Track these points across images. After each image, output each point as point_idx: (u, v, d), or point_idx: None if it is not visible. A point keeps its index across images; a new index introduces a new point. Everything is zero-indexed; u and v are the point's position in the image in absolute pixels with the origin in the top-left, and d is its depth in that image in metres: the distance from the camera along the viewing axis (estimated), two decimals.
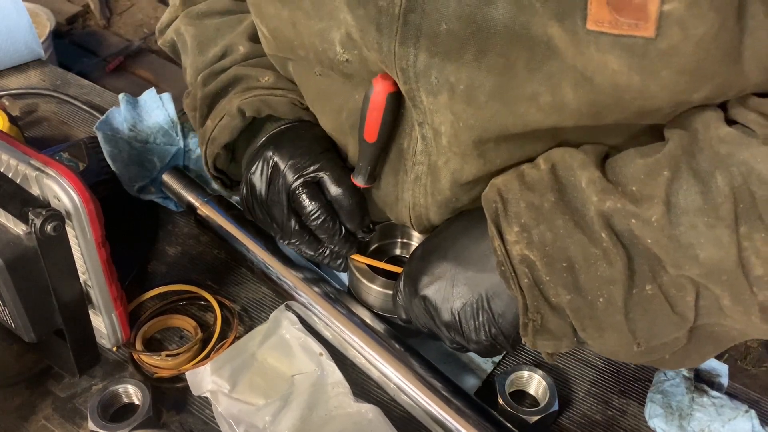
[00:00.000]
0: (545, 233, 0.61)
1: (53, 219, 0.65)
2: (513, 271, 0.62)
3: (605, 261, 0.59)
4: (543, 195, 0.61)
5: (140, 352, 0.80)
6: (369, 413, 0.73)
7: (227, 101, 0.82)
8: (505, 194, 0.64)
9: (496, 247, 0.63)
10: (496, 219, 0.64)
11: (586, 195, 0.60)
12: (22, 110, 1.14)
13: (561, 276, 0.60)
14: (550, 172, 0.62)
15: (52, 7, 2.93)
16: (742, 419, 0.74)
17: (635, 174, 0.59)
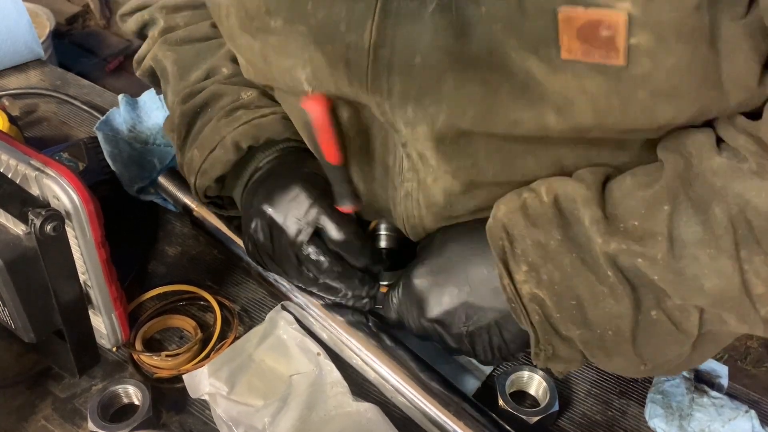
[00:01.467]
0: (553, 272, 0.61)
1: (53, 219, 0.65)
2: (524, 308, 0.63)
3: (612, 298, 0.60)
4: (548, 232, 0.61)
5: (140, 352, 0.80)
6: (368, 412, 0.73)
7: (213, 127, 0.79)
8: (511, 230, 0.63)
9: (506, 285, 0.64)
10: (504, 257, 0.64)
11: (590, 235, 0.60)
12: (22, 110, 1.14)
13: (570, 313, 0.62)
14: (553, 206, 0.62)
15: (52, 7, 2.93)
16: (742, 419, 0.74)
17: (635, 209, 0.59)
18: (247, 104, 0.80)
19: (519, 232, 0.63)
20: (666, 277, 0.58)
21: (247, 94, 0.80)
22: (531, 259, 0.62)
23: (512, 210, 0.64)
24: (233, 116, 0.79)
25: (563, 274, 0.61)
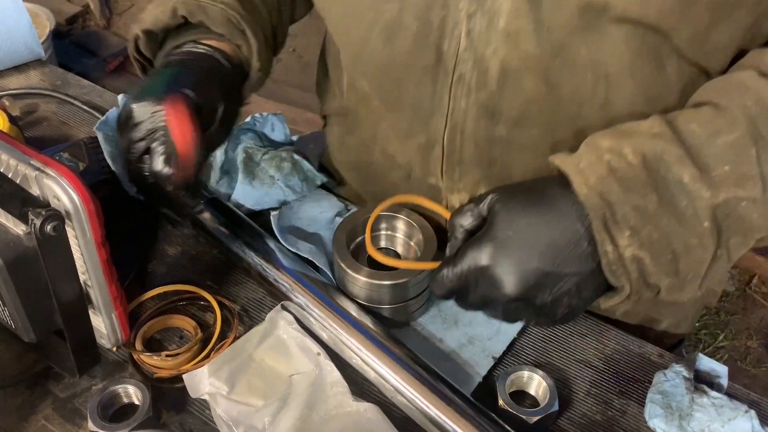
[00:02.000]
0: (652, 233, 0.64)
1: (53, 219, 0.65)
2: (625, 269, 0.65)
3: (701, 247, 0.65)
4: (645, 196, 0.64)
5: (140, 352, 0.80)
6: (368, 412, 0.73)
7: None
8: (608, 197, 0.64)
9: (609, 251, 0.64)
10: (606, 224, 0.64)
11: (693, 189, 0.63)
12: (22, 110, 1.14)
13: (666, 266, 0.65)
14: (642, 167, 0.64)
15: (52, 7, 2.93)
16: (742, 419, 0.74)
17: (723, 155, 0.63)
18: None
19: (617, 198, 0.64)
20: (764, 213, 0.64)
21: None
22: (632, 222, 0.64)
23: (603, 176, 0.64)
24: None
25: (661, 233, 0.64)
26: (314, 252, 0.88)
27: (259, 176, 0.98)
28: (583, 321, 0.87)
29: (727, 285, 2.36)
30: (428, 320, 0.87)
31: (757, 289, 2.40)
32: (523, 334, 0.85)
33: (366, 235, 0.80)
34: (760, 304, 2.37)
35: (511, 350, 0.84)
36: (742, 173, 0.63)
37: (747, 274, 2.43)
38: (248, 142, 1.00)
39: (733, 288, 2.39)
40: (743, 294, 2.40)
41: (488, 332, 0.85)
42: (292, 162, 0.99)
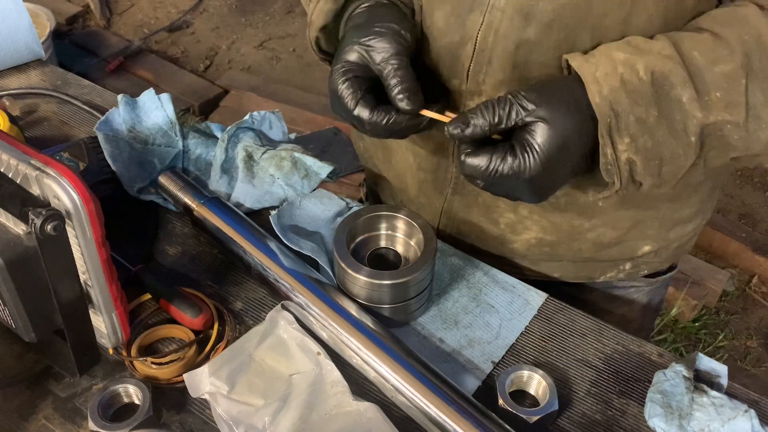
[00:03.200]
0: (647, 141, 0.73)
1: (53, 219, 0.65)
2: (618, 169, 0.74)
3: (684, 157, 0.74)
4: (647, 109, 0.72)
5: (134, 358, 0.80)
6: (368, 412, 0.73)
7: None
8: (616, 107, 0.72)
9: (608, 153, 0.73)
10: (609, 130, 0.73)
11: (689, 109, 0.72)
12: (22, 110, 1.14)
13: (652, 169, 0.74)
14: (651, 84, 0.72)
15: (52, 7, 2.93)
16: (742, 419, 0.74)
17: (718, 82, 0.71)
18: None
19: (623, 108, 0.72)
20: (742, 136, 0.73)
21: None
22: (632, 131, 0.72)
23: (615, 88, 0.72)
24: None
25: (655, 142, 0.73)
26: (316, 250, 0.88)
27: (259, 175, 0.98)
28: (583, 321, 0.87)
29: (727, 285, 2.36)
30: (428, 320, 0.87)
31: (756, 289, 2.40)
32: (523, 335, 0.86)
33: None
34: (760, 304, 2.37)
35: (510, 350, 0.84)
36: (731, 100, 0.72)
37: (747, 274, 2.43)
38: (248, 141, 1.00)
39: (733, 288, 2.39)
40: (743, 294, 2.40)
41: (488, 336, 0.85)
42: (292, 161, 0.99)
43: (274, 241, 0.89)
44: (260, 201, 0.98)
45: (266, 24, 3.47)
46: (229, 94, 3.02)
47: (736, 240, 2.42)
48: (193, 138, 1.04)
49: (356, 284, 0.82)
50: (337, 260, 0.83)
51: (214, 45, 3.35)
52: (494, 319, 0.86)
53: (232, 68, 3.22)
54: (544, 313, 0.88)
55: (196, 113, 2.92)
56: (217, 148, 1.00)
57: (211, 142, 1.04)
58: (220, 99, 3.00)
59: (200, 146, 1.03)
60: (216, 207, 0.92)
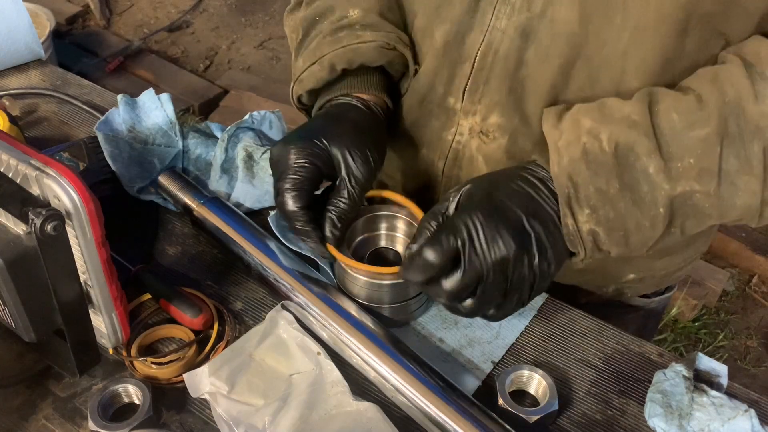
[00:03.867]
0: (609, 212, 0.72)
1: (53, 219, 0.65)
2: (581, 240, 0.73)
3: (651, 228, 0.72)
4: (609, 181, 0.71)
5: (134, 358, 0.80)
6: (368, 412, 0.73)
7: (318, 43, 0.86)
8: (575, 178, 0.72)
9: (569, 224, 0.72)
10: (569, 201, 0.72)
11: (656, 180, 0.70)
12: (22, 110, 1.14)
13: (617, 240, 0.73)
14: (613, 155, 0.71)
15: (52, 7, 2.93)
16: (742, 419, 0.74)
17: (691, 148, 0.70)
18: (352, 24, 0.86)
19: (583, 179, 0.72)
20: (714, 203, 0.71)
21: (354, 12, 0.87)
22: (592, 202, 0.72)
23: (575, 159, 0.72)
24: (336, 37, 0.85)
25: (617, 213, 0.72)
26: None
27: (259, 175, 0.98)
28: (583, 321, 0.87)
29: (727, 285, 2.36)
30: (428, 320, 0.87)
31: (756, 289, 2.40)
32: (523, 335, 0.85)
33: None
34: (760, 304, 2.37)
35: (510, 350, 0.84)
36: (703, 167, 0.70)
37: (747, 274, 2.43)
38: (248, 141, 1.00)
39: (733, 288, 2.39)
40: (743, 294, 2.40)
41: (488, 336, 0.85)
42: None
43: (273, 240, 0.89)
44: (260, 201, 0.98)
45: (266, 24, 3.47)
46: (229, 94, 3.02)
47: (735, 240, 2.42)
48: (193, 138, 1.04)
49: (356, 284, 0.82)
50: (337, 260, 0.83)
51: (214, 45, 3.35)
52: None
53: (232, 68, 3.22)
54: (544, 313, 0.88)
55: (196, 113, 2.92)
56: (217, 148, 1.00)
57: (211, 142, 1.04)
58: (220, 99, 3.00)
59: (200, 146, 1.03)
60: (216, 207, 0.92)
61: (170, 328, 0.84)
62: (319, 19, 0.88)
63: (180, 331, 0.84)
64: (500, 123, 0.83)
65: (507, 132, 0.83)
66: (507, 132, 0.83)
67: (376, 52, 0.85)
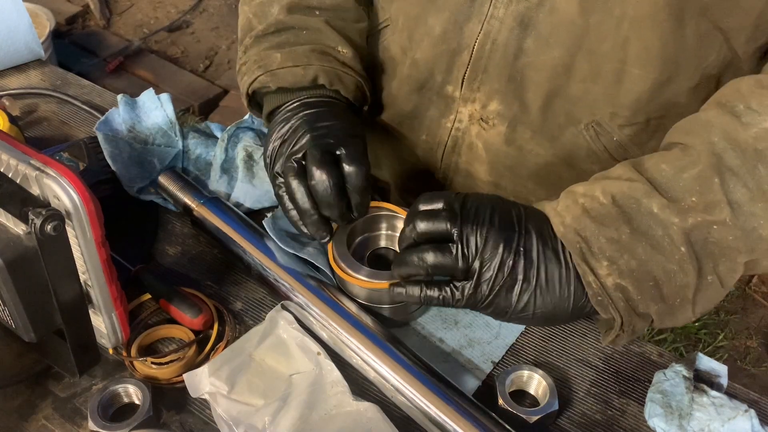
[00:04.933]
0: (630, 261, 0.68)
1: (53, 219, 0.65)
2: (610, 299, 0.69)
3: (681, 272, 0.68)
4: (618, 228, 0.68)
5: (134, 358, 0.80)
6: (368, 412, 0.73)
7: (305, 51, 0.86)
8: (583, 233, 0.69)
9: (591, 281, 0.69)
10: (584, 257, 0.69)
11: (664, 218, 0.67)
12: (22, 110, 1.14)
13: (650, 293, 0.69)
14: (613, 205, 0.69)
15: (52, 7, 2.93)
16: (742, 419, 0.74)
17: (689, 187, 0.68)
18: (340, 60, 0.88)
19: (591, 233, 0.69)
20: (737, 235, 0.67)
21: (344, 50, 0.89)
22: (608, 253, 0.68)
23: (577, 216, 0.69)
24: (326, 57, 0.87)
25: (639, 261, 0.68)
26: (312, 254, 0.88)
27: (259, 175, 0.98)
28: (583, 321, 0.87)
29: None
30: (428, 320, 0.87)
31: (756, 289, 2.40)
32: (523, 335, 0.85)
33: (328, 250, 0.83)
34: (760, 304, 2.37)
35: (510, 350, 0.84)
36: (708, 201, 0.67)
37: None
38: (248, 140, 1.00)
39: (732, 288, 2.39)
40: (743, 294, 2.40)
41: (488, 336, 0.85)
42: None
43: (273, 241, 0.89)
44: (260, 201, 0.98)
45: None
46: (229, 94, 3.02)
47: None
48: (193, 138, 1.04)
49: (356, 284, 0.82)
50: (337, 260, 0.83)
51: (214, 45, 3.35)
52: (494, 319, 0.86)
53: (232, 68, 3.21)
54: None
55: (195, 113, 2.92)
56: (217, 148, 1.00)
57: (211, 142, 1.04)
58: (219, 99, 3.00)
59: (200, 146, 1.03)
60: (216, 207, 0.92)
61: (170, 328, 0.84)
62: (302, 30, 0.89)
63: (180, 331, 0.84)
64: (500, 110, 0.84)
65: (506, 119, 0.84)
66: (506, 119, 0.84)
67: (354, 86, 0.88)
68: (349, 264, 0.82)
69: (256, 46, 0.90)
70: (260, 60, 0.88)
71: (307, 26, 0.89)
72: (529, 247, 0.70)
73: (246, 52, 0.91)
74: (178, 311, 0.83)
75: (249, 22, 0.94)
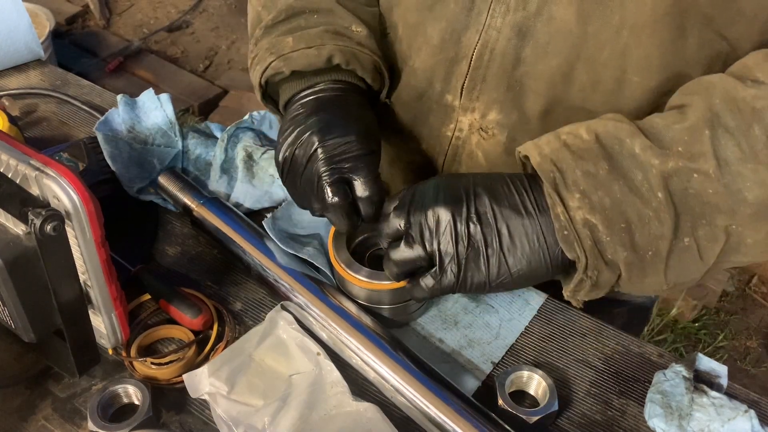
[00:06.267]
0: (604, 198, 0.66)
1: (53, 219, 0.65)
2: (576, 234, 0.66)
3: (657, 220, 0.66)
4: (596, 164, 0.67)
5: (134, 359, 0.80)
6: (368, 412, 0.73)
7: (318, 33, 0.84)
8: (559, 164, 0.67)
9: (560, 213, 0.67)
10: (556, 187, 0.67)
11: (644, 159, 0.66)
12: (22, 110, 1.14)
13: (620, 236, 0.66)
14: (595, 142, 0.67)
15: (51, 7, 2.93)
16: (742, 419, 0.74)
17: (677, 137, 0.66)
18: (354, 38, 0.85)
19: (568, 165, 0.67)
20: (718, 190, 0.65)
21: (358, 29, 0.86)
22: (582, 187, 0.66)
23: (556, 149, 0.68)
24: (340, 37, 0.84)
25: (613, 200, 0.66)
26: (312, 254, 0.88)
27: (259, 175, 0.98)
28: (583, 321, 0.87)
29: (727, 285, 2.37)
30: (428, 320, 0.87)
31: (756, 289, 2.40)
32: (523, 335, 0.85)
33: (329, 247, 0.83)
34: (760, 304, 2.37)
35: (510, 350, 0.84)
36: (694, 151, 0.65)
37: (747, 274, 2.43)
38: (248, 141, 1.00)
39: (732, 288, 2.39)
40: (743, 294, 2.40)
41: (487, 336, 0.85)
42: None
43: (273, 241, 0.88)
44: (260, 201, 0.98)
45: None
46: (229, 94, 3.02)
47: None
48: (193, 138, 1.03)
49: (356, 285, 0.82)
50: (338, 260, 0.83)
51: (213, 45, 3.35)
52: (494, 320, 0.86)
53: (232, 68, 3.22)
54: (543, 313, 0.88)
55: (195, 113, 2.92)
56: (217, 148, 1.00)
57: (211, 142, 1.04)
58: (219, 99, 3.00)
59: (200, 146, 1.03)
60: (215, 207, 0.92)
61: (170, 329, 0.84)
62: (311, 13, 0.87)
63: (180, 331, 0.84)
64: (499, 120, 0.83)
65: (506, 128, 0.83)
66: (506, 128, 0.83)
67: (371, 64, 0.85)
68: (348, 264, 0.82)
69: (266, 37, 0.87)
70: (272, 47, 0.85)
71: (318, 8, 0.87)
72: (483, 210, 0.69)
73: (257, 44, 0.89)
74: (177, 311, 0.83)
75: (258, 15, 0.92)
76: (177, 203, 0.95)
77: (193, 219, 0.93)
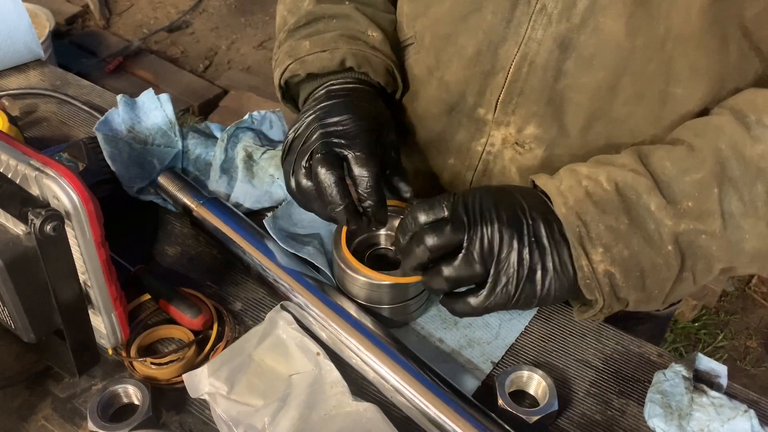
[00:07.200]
0: (623, 251, 0.70)
1: (53, 219, 0.65)
2: (597, 283, 0.71)
3: (665, 266, 0.71)
4: (618, 218, 0.70)
5: (133, 359, 0.80)
6: (368, 412, 0.73)
7: (333, 37, 0.86)
8: (584, 217, 0.70)
9: (584, 265, 0.70)
10: (581, 241, 0.70)
11: (658, 218, 0.70)
12: (21, 110, 1.14)
13: (634, 282, 0.71)
14: (616, 193, 0.71)
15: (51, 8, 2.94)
16: (742, 419, 0.74)
17: (688, 192, 0.70)
18: (369, 43, 0.86)
19: (592, 218, 0.70)
20: (721, 245, 0.70)
21: (373, 34, 0.87)
22: (605, 241, 0.70)
23: (580, 199, 0.71)
24: (354, 41, 0.86)
25: (631, 252, 0.70)
26: (312, 253, 0.88)
27: (259, 175, 0.98)
28: (583, 321, 0.87)
29: (727, 285, 2.36)
30: (428, 320, 0.87)
31: (756, 289, 2.40)
32: (523, 335, 0.85)
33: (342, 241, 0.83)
34: (760, 304, 2.37)
35: (510, 350, 0.84)
36: (703, 209, 0.69)
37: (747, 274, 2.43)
38: (248, 141, 1.00)
39: (732, 288, 2.39)
40: (743, 294, 2.40)
41: (487, 336, 0.85)
42: None
43: (273, 241, 0.89)
44: (260, 201, 0.98)
45: (266, 24, 3.47)
46: (229, 94, 3.02)
47: None
48: (193, 138, 1.04)
49: (356, 284, 0.82)
50: (336, 260, 0.83)
51: (213, 45, 3.35)
52: (494, 319, 0.86)
53: (232, 68, 3.22)
54: (543, 313, 0.88)
55: (195, 113, 2.93)
56: (217, 148, 1.00)
57: (211, 143, 1.04)
58: (219, 99, 3.00)
59: (200, 146, 1.03)
60: (215, 207, 0.92)
61: (170, 329, 0.84)
62: (332, 18, 0.89)
63: (179, 331, 0.84)
64: (537, 134, 0.82)
65: (544, 143, 0.82)
66: (544, 143, 0.82)
67: (383, 69, 0.86)
68: (348, 265, 0.82)
69: (288, 40, 0.89)
70: (291, 50, 0.87)
71: (337, 14, 0.89)
72: (540, 235, 0.70)
73: (279, 47, 0.91)
74: (177, 311, 0.83)
75: (284, 19, 0.93)
76: (177, 203, 0.95)
77: (193, 219, 0.93)
